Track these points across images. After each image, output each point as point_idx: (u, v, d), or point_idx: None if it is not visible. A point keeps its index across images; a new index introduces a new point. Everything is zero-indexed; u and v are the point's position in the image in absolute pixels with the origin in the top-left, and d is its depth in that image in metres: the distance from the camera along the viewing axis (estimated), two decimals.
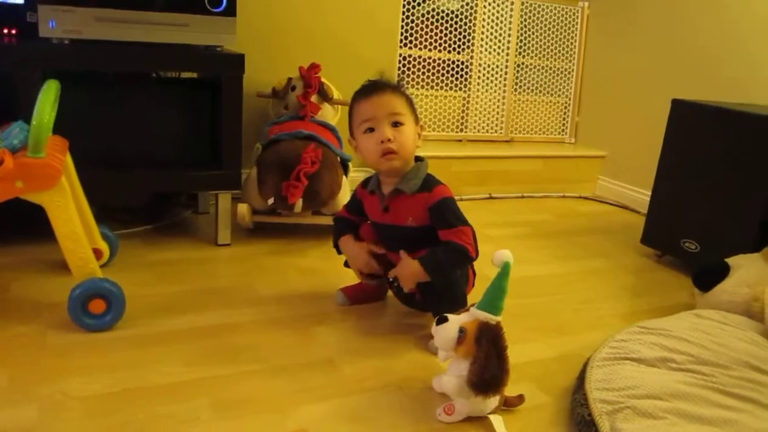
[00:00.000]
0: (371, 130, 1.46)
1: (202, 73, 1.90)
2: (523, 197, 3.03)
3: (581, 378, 1.32)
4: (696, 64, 2.69)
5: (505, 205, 2.89)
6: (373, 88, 1.48)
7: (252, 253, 1.99)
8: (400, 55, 2.87)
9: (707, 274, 1.76)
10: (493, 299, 1.23)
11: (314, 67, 2.26)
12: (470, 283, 1.59)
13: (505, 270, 1.23)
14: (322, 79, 2.28)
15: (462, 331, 1.22)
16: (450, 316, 1.24)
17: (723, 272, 1.74)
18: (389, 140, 1.44)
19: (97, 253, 1.72)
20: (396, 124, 1.46)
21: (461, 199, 2.82)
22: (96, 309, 1.43)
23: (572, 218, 2.79)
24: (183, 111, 1.94)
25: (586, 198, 3.14)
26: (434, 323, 1.25)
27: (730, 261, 1.77)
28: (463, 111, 3.11)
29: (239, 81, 1.87)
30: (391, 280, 1.64)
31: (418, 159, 1.54)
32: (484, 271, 1.57)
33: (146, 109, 1.90)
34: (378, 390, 1.31)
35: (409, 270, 1.46)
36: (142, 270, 1.79)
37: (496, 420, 1.23)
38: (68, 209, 1.40)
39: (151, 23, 1.76)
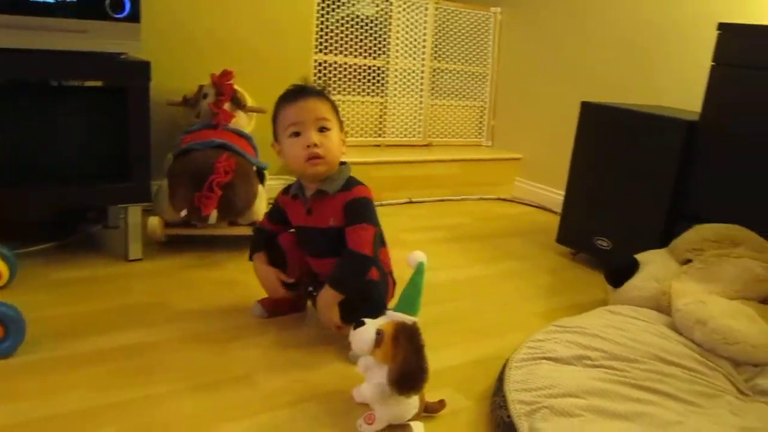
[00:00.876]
0: (297, 134, 1.45)
1: (106, 82, 1.81)
2: (442, 201, 3.05)
3: (500, 380, 1.33)
4: (603, 67, 2.79)
5: (424, 209, 2.91)
6: (299, 93, 1.47)
7: (165, 268, 1.92)
8: (316, 60, 2.85)
9: (618, 271, 1.82)
10: (409, 300, 1.23)
11: (226, 74, 2.20)
12: (390, 292, 1.58)
13: (419, 270, 1.23)
14: (236, 87, 2.23)
15: (379, 333, 1.21)
16: (367, 320, 1.23)
17: (633, 268, 1.80)
18: (315, 145, 1.43)
19: None
20: (322, 129, 1.45)
21: (381, 204, 2.81)
22: None
23: (491, 220, 2.83)
24: (88, 121, 1.84)
25: (504, 200, 3.20)
26: (351, 328, 1.24)
27: (639, 257, 1.83)
28: (380, 116, 3.11)
29: (145, 89, 1.80)
30: (310, 289, 1.62)
31: (341, 164, 1.53)
32: (405, 276, 1.56)
33: (48, 120, 1.79)
34: (297, 405, 1.28)
35: (324, 297, 1.45)
36: (46, 290, 1.69)
37: (417, 427, 1.23)
38: None
39: (48, 29, 1.66)
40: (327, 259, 1.51)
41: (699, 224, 1.82)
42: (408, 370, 1.17)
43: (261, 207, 2.05)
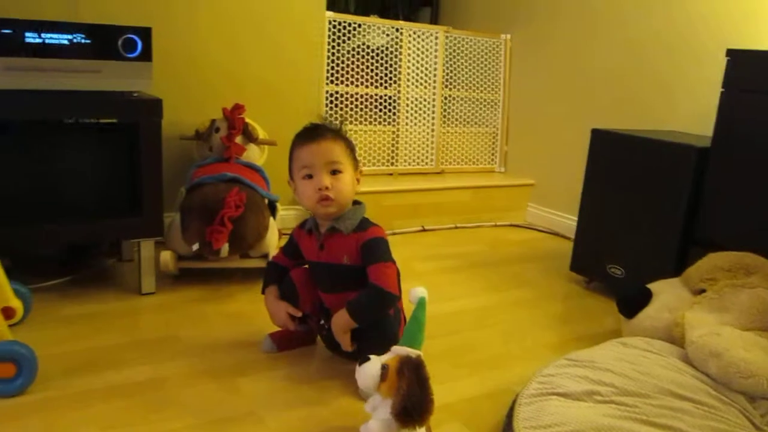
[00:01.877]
0: (310, 176, 1.46)
1: (118, 120, 1.84)
2: (456, 228, 3.05)
3: (509, 416, 1.32)
4: (615, 92, 2.79)
5: (437, 237, 2.91)
6: (313, 134, 1.47)
7: (177, 301, 1.93)
8: (327, 91, 2.88)
9: (630, 301, 1.80)
10: (412, 334, 1.24)
11: (238, 108, 2.23)
12: (401, 328, 1.58)
13: (421, 305, 1.25)
14: (247, 120, 2.26)
15: (384, 367, 1.21)
16: (371, 356, 1.23)
17: (645, 298, 1.78)
18: (326, 188, 1.44)
19: (10, 311, 1.64)
20: (334, 172, 1.46)
21: (394, 233, 2.82)
22: (5, 373, 1.35)
23: (503, 247, 2.82)
24: (100, 157, 1.88)
25: (517, 226, 3.19)
26: (357, 365, 1.23)
27: (652, 286, 1.81)
28: (393, 145, 3.13)
29: (157, 126, 1.83)
30: (322, 323, 1.62)
31: (356, 202, 1.54)
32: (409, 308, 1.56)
33: (62, 156, 1.83)
34: None
35: (339, 321, 1.47)
36: (58, 326, 1.71)
37: None
38: None
39: (62, 70, 1.70)
40: (339, 294, 1.51)
41: (712, 251, 1.80)
42: (411, 402, 1.16)
43: (272, 239, 2.06)
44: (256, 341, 1.68)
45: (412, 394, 1.17)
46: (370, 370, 1.20)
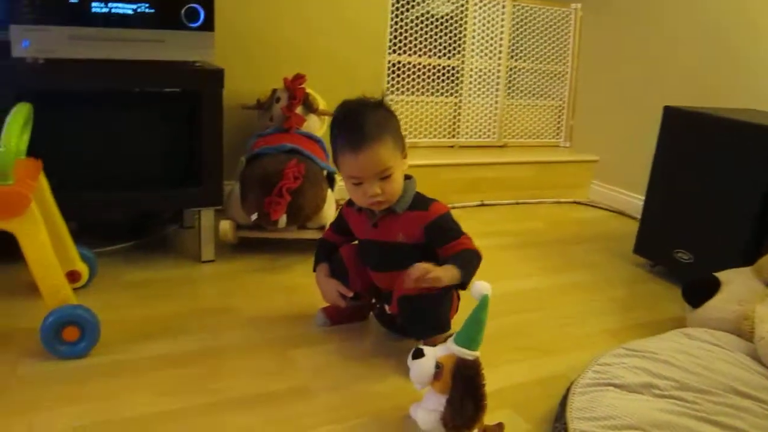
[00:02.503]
0: (359, 184, 1.41)
1: (180, 89, 1.86)
2: (516, 204, 2.99)
3: (562, 405, 1.29)
4: (692, 67, 2.65)
5: (497, 213, 2.86)
6: (357, 142, 1.36)
7: (236, 270, 1.96)
8: (389, 61, 2.84)
9: (697, 289, 1.73)
10: (471, 333, 1.19)
11: (298, 78, 2.22)
12: (454, 307, 1.56)
13: (483, 303, 1.19)
14: (308, 90, 2.25)
15: (438, 366, 1.18)
16: (426, 349, 1.21)
17: (713, 287, 1.70)
18: (377, 194, 1.40)
19: (75, 274, 1.70)
20: (384, 178, 1.39)
21: (453, 207, 2.77)
22: (69, 336, 1.40)
23: (564, 226, 2.75)
24: (163, 126, 1.91)
25: (580, 203, 3.10)
26: (410, 356, 1.22)
27: (721, 275, 1.73)
28: (454, 117, 3.07)
29: (218, 96, 1.84)
30: (373, 301, 1.61)
31: (406, 176, 1.49)
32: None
33: (125, 126, 1.87)
34: (353, 420, 1.28)
35: (446, 272, 1.35)
36: (121, 291, 1.76)
37: None
38: (39, 236, 1.38)
39: (127, 40, 1.72)
40: (389, 273, 1.50)
41: None
42: (463, 417, 1.15)
43: (330, 211, 2.06)
44: (311, 314, 1.69)
45: (465, 409, 1.15)
46: (424, 367, 1.18)
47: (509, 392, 1.42)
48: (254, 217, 1.94)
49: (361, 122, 1.38)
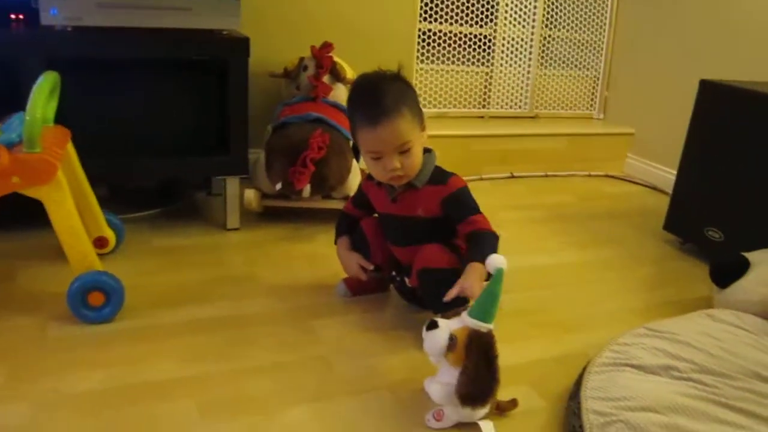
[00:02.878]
0: (378, 158, 1.39)
1: (207, 57, 1.86)
2: (546, 176, 2.94)
3: (578, 384, 1.28)
4: (731, 40, 2.55)
5: (526, 185, 2.82)
6: (375, 116, 1.34)
7: (260, 239, 1.98)
8: (420, 29, 2.79)
9: (725, 269, 1.69)
10: (485, 306, 1.19)
11: (326, 47, 2.21)
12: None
13: (498, 276, 1.19)
14: (335, 59, 2.23)
15: (452, 338, 1.19)
16: (440, 321, 1.21)
17: (741, 268, 1.66)
18: (397, 169, 1.39)
19: (103, 240, 1.74)
20: (404, 152, 1.38)
21: (481, 179, 2.76)
22: (95, 301, 1.44)
23: (595, 200, 2.70)
24: (190, 94, 1.92)
25: (613, 177, 3.04)
26: (424, 327, 1.22)
27: (751, 256, 1.68)
28: (485, 86, 3.02)
29: (245, 65, 1.84)
30: (394, 274, 1.62)
31: (426, 150, 1.48)
32: None
33: (151, 94, 1.88)
34: (368, 392, 1.29)
35: (474, 274, 1.32)
36: (147, 257, 1.80)
37: (487, 426, 1.21)
38: (66, 204, 1.40)
39: (153, 8, 1.73)
40: (409, 247, 1.50)
41: None
42: (476, 387, 1.15)
43: (355, 182, 2.06)
44: (331, 284, 1.70)
45: (479, 378, 1.15)
46: (438, 338, 1.18)
47: (526, 368, 1.42)
48: (279, 186, 1.94)
49: (379, 96, 1.36)
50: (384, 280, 1.68)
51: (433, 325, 1.20)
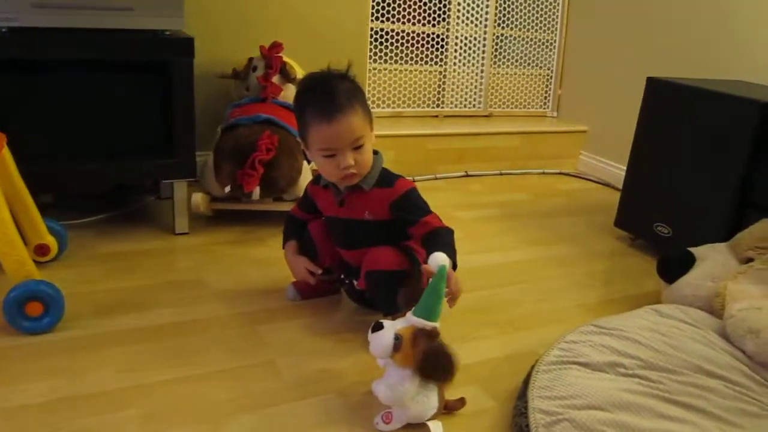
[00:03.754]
0: (331, 156, 1.37)
1: (149, 59, 1.82)
2: (501, 174, 2.96)
3: (526, 383, 1.28)
4: (682, 38, 2.59)
5: (481, 183, 2.83)
6: (330, 111, 1.32)
7: (209, 243, 1.95)
8: (372, 29, 2.77)
9: (671, 264, 1.71)
10: (429, 305, 1.18)
11: (276, 47, 2.18)
12: (424, 283, 1.54)
13: (440, 274, 1.18)
14: (285, 59, 2.21)
15: (398, 338, 1.18)
16: (385, 322, 1.20)
17: (688, 263, 1.69)
18: (351, 166, 1.36)
19: (44, 248, 1.69)
20: (357, 148, 1.36)
21: (436, 178, 2.76)
22: (33, 312, 1.39)
23: (549, 197, 2.72)
24: (133, 97, 1.86)
25: (567, 174, 3.07)
26: (370, 330, 1.21)
27: (696, 251, 1.71)
28: (439, 86, 3.02)
29: (189, 66, 1.80)
30: (342, 277, 1.60)
31: (373, 152, 1.47)
32: None
33: (94, 97, 1.82)
34: (317, 396, 1.27)
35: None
36: (92, 264, 1.75)
37: (436, 426, 1.20)
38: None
39: (93, 8, 1.68)
40: (357, 250, 1.48)
41: None
42: (429, 365, 1.15)
43: (305, 183, 2.03)
44: (281, 288, 1.68)
45: (428, 359, 1.15)
46: (382, 339, 1.17)
47: (477, 368, 1.41)
48: (228, 189, 1.91)
49: (332, 91, 1.34)
50: (334, 283, 1.66)
51: (378, 327, 1.19)
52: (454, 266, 1.32)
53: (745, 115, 1.81)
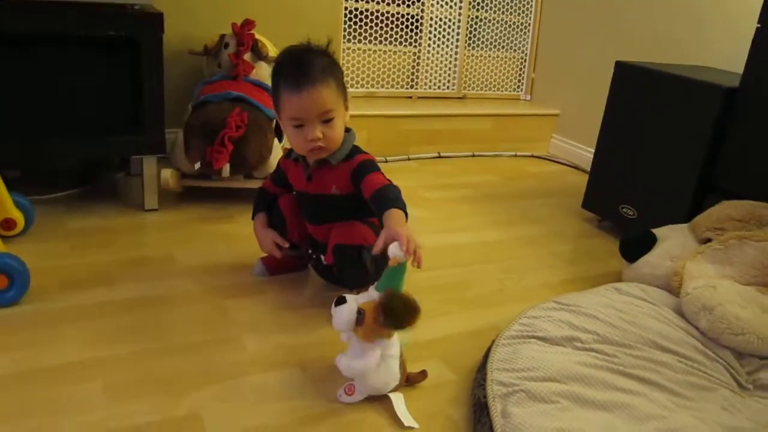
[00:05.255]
0: (300, 126, 1.38)
1: (116, 33, 1.80)
2: (473, 156, 2.98)
3: (485, 357, 1.31)
4: (653, 23, 2.62)
5: (453, 165, 2.85)
6: (300, 81, 1.33)
7: (179, 220, 1.95)
8: (346, 8, 2.77)
9: (632, 244, 1.75)
10: (392, 282, 1.20)
11: (247, 24, 2.17)
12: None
13: (403, 267, 1.19)
14: (257, 36, 2.20)
15: (360, 312, 1.19)
16: (348, 296, 1.22)
17: (649, 243, 1.73)
18: (319, 139, 1.38)
19: (10, 222, 1.68)
20: (326, 121, 1.38)
21: (409, 158, 2.78)
22: None
23: (519, 179, 2.76)
24: (104, 72, 1.85)
25: (538, 157, 3.10)
26: (333, 304, 1.23)
27: (658, 231, 1.76)
28: (413, 67, 3.03)
29: (158, 41, 1.78)
30: (310, 252, 1.61)
31: (345, 129, 1.48)
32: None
33: (65, 71, 1.80)
34: (280, 369, 1.29)
35: (397, 221, 1.26)
36: (60, 239, 1.74)
37: (397, 398, 1.23)
38: None
39: None
40: (324, 225, 1.50)
41: (729, 200, 1.72)
42: (391, 316, 1.15)
43: (275, 161, 2.04)
44: (249, 264, 1.69)
45: (394, 296, 1.15)
46: (345, 313, 1.18)
47: (439, 344, 1.44)
48: (198, 165, 1.91)
49: (306, 64, 1.36)
50: (302, 259, 1.68)
51: (340, 301, 1.20)
52: (407, 216, 1.30)
53: (708, 99, 1.85)
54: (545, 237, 2.13)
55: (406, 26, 2.97)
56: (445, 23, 3.03)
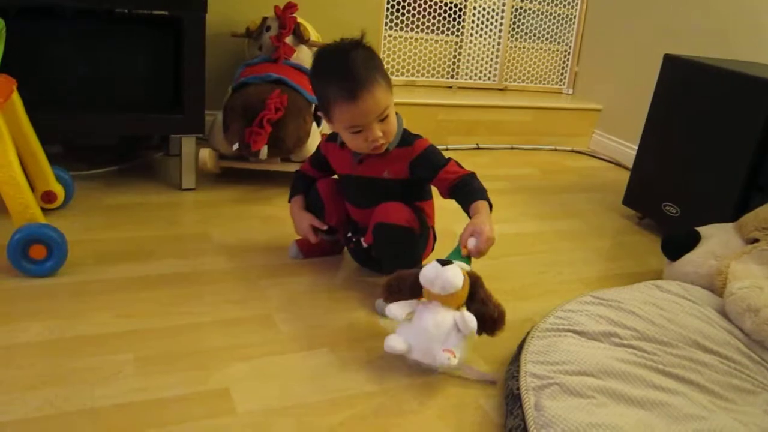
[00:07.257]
0: (359, 131, 1.36)
1: (160, 11, 1.81)
2: (512, 149, 2.94)
3: (519, 348, 1.29)
4: (703, 17, 2.54)
5: (491, 157, 2.81)
6: (354, 87, 1.30)
7: (215, 200, 1.95)
8: None
9: (676, 242, 1.70)
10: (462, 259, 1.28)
11: (290, 7, 2.16)
12: (429, 246, 1.56)
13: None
14: (299, 20, 2.19)
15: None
16: (453, 260, 1.23)
17: (692, 241, 1.67)
18: (380, 137, 1.37)
19: (51, 195, 1.70)
20: (383, 119, 1.36)
21: (446, 149, 2.74)
22: (36, 255, 1.41)
23: (559, 174, 2.71)
24: (145, 51, 1.87)
25: (578, 152, 3.05)
26: (435, 262, 1.21)
27: (702, 230, 1.70)
28: (454, 56, 2.99)
29: (200, 21, 1.79)
30: (349, 235, 1.60)
31: None
32: (452, 227, 1.57)
33: (111, 48, 1.83)
34: (310, 350, 1.28)
35: (485, 219, 1.34)
36: (98, 214, 1.76)
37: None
38: (6, 154, 1.36)
39: None
40: (368, 209, 1.48)
41: None
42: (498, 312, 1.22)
43: (314, 145, 2.03)
44: (286, 246, 1.68)
45: (497, 306, 1.24)
46: (457, 274, 1.20)
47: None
48: (236, 146, 1.91)
49: (351, 66, 1.32)
50: (337, 243, 1.67)
51: (447, 262, 1.21)
52: (490, 207, 1.39)
53: (760, 96, 1.78)
54: (584, 232, 2.09)
55: (449, 15, 2.93)
56: (488, 13, 2.99)
